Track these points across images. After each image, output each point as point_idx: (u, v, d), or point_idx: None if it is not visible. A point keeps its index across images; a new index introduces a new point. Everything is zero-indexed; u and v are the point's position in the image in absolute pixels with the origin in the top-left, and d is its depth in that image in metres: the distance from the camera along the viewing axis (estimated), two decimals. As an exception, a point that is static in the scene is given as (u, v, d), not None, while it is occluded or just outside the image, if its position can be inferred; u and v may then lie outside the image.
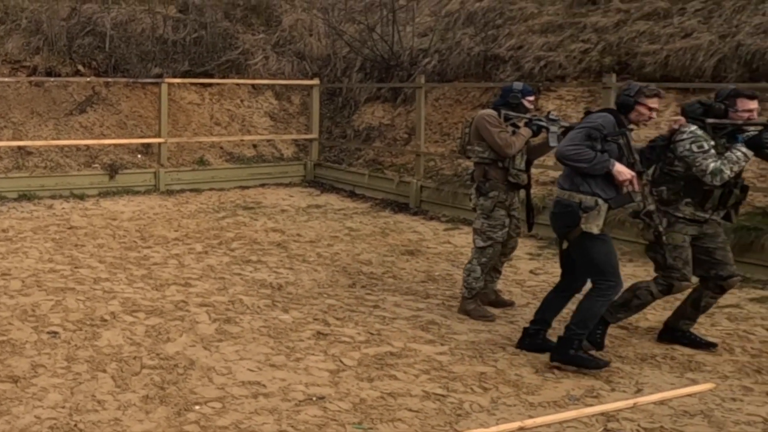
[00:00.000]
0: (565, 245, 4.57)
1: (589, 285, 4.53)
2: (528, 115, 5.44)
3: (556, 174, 6.89)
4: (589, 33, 8.97)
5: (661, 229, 4.64)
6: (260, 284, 6.02)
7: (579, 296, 4.60)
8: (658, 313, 5.39)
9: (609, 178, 4.36)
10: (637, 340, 4.95)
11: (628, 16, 8.80)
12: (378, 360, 4.49)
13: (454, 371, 4.35)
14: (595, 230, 4.36)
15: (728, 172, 4.60)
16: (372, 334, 4.94)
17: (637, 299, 4.92)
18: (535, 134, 5.40)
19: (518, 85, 5.46)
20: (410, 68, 10.91)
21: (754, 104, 4.78)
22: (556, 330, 4.68)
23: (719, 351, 4.82)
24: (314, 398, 3.93)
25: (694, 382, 4.29)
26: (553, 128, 5.25)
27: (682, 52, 7.82)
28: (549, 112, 5.53)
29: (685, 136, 4.71)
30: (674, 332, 5.08)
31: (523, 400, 4.00)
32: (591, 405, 3.92)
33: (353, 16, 12.78)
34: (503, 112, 5.38)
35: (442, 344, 4.80)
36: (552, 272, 6.30)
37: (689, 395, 4.11)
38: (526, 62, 9.25)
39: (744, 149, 4.59)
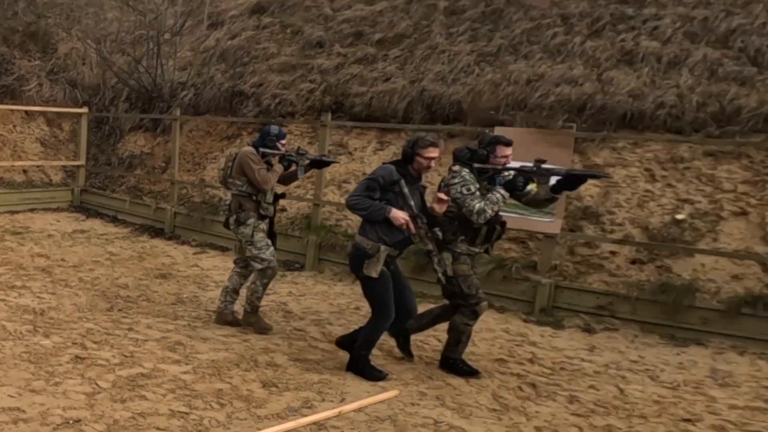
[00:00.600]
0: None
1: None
2: (281, 152, 5.83)
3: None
4: (315, 74, 10.08)
5: (441, 268, 4.92)
6: (23, 310, 6.02)
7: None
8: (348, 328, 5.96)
9: (391, 223, 4.72)
10: (342, 353, 5.24)
11: (346, 59, 9.99)
12: (130, 381, 4.60)
13: (196, 389, 4.54)
14: (374, 275, 4.79)
15: (490, 211, 4.92)
16: (126, 356, 5.06)
17: (463, 334, 5.19)
18: (286, 168, 5.83)
19: (275, 129, 5.88)
20: (170, 100, 11.60)
21: (509, 150, 5.14)
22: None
23: (401, 360, 5.35)
24: (71, 421, 3.98)
25: (384, 389, 4.69)
26: (302, 162, 5.80)
27: (383, 94, 9.08)
28: (298, 147, 6.06)
29: (457, 179, 5.02)
30: (447, 360, 5.33)
31: (253, 413, 4.23)
32: (306, 415, 4.22)
33: (123, 48, 13.20)
34: (261, 150, 5.78)
35: (186, 363, 4.99)
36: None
37: (381, 402, 4.50)
38: (264, 99, 10.25)
39: (502, 191, 4.94)
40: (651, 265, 6.58)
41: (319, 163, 6.07)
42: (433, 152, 4.72)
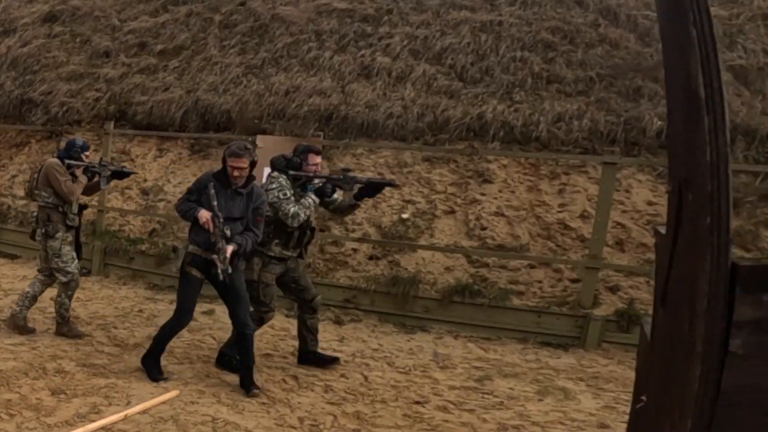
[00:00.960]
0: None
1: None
2: (85, 163, 5.85)
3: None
4: (101, 83, 10.46)
5: (222, 265, 4.79)
6: None
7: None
8: (144, 330, 6.15)
9: (199, 224, 4.87)
10: (128, 355, 5.40)
11: (130, 69, 10.44)
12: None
13: (-15, 402, 4.48)
14: (174, 270, 5.12)
15: (303, 215, 5.13)
16: None
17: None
18: (90, 179, 5.88)
19: (80, 141, 5.95)
20: (-38, 109, 11.59)
21: (319, 158, 5.43)
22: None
23: (181, 360, 5.43)
24: None
25: (167, 390, 4.75)
26: (104, 173, 5.90)
27: (162, 103, 9.65)
28: (101, 159, 6.24)
29: (274, 185, 5.23)
30: (308, 355, 5.61)
31: (43, 422, 4.17)
32: (93, 420, 4.18)
33: None
34: (66, 161, 5.77)
35: (-23, 376, 4.91)
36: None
37: (163, 402, 4.53)
38: (53, 107, 10.52)
39: (313, 196, 5.20)
40: (384, 261, 7.39)
41: (120, 174, 6.17)
42: (234, 161, 4.83)
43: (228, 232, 4.86)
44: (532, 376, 5.49)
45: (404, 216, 7.56)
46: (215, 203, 4.80)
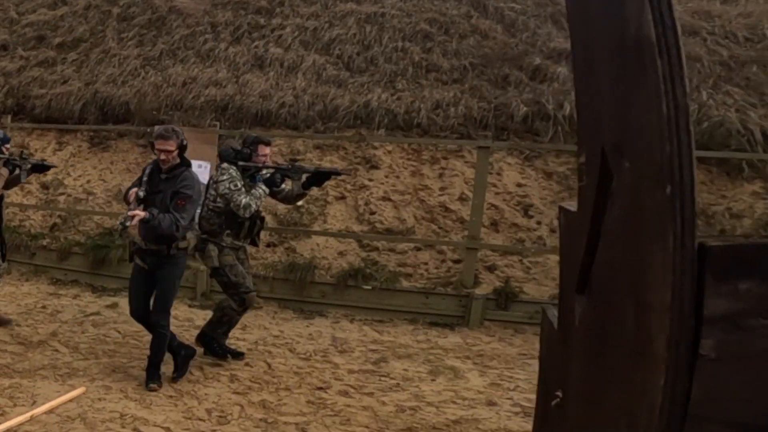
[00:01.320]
0: None
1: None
2: (5, 156, 5.73)
3: None
4: (-1, 76, 10.41)
5: (121, 221, 4.73)
6: None
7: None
8: (48, 327, 6.04)
9: None
10: (32, 354, 5.29)
11: (28, 62, 10.40)
12: None
13: None
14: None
15: (254, 205, 5.16)
16: None
17: (226, 316, 5.33)
18: (11, 173, 5.74)
19: (0, 133, 5.85)
20: None
21: (268, 149, 5.43)
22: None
23: (87, 355, 5.35)
24: None
25: (73, 387, 4.65)
26: (25, 166, 5.77)
27: (61, 96, 9.68)
28: (21, 152, 6.12)
29: (225, 176, 5.20)
30: (212, 340, 5.45)
31: None
32: None
33: None
34: None
35: None
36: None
37: (70, 401, 4.43)
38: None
39: (264, 187, 5.23)
40: (281, 247, 7.60)
41: (41, 168, 6.10)
42: (161, 144, 4.68)
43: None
44: (424, 357, 5.67)
45: (299, 203, 7.84)
46: (145, 179, 4.73)
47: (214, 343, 5.36)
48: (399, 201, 7.41)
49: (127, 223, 4.56)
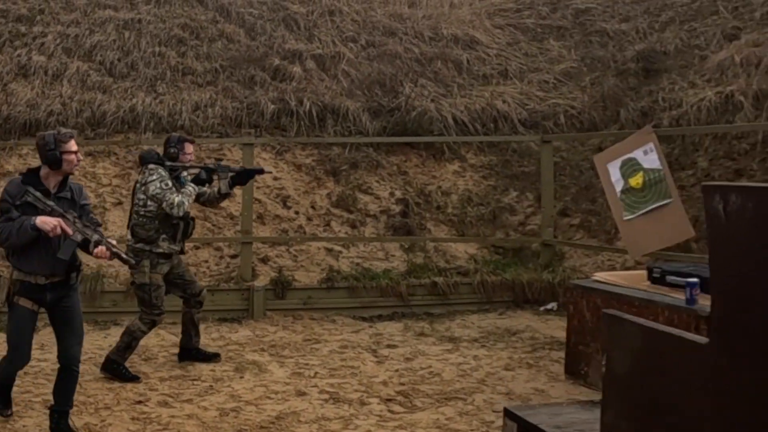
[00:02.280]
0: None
1: None
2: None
3: None
4: None
5: (125, 256, 4.27)
6: None
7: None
8: None
9: (28, 246, 3.82)
10: None
11: None
12: None
13: None
14: None
15: (187, 203, 5.02)
16: None
17: (135, 340, 5.15)
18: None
19: None
20: None
21: (192, 148, 5.36)
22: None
23: None
24: None
25: None
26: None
27: None
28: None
29: (154, 176, 5.02)
30: (190, 351, 5.47)
31: None
32: None
33: None
34: None
35: None
36: None
37: None
38: None
39: (193, 185, 5.14)
40: None
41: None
42: (72, 146, 3.92)
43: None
44: (225, 354, 5.67)
45: None
46: (51, 203, 3.85)
47: (122, 367, 5.14)
48: (172, 201, 8.01)
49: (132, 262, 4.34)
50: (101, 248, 3.95)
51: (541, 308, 7.19)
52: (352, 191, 8.09)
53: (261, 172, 5.99)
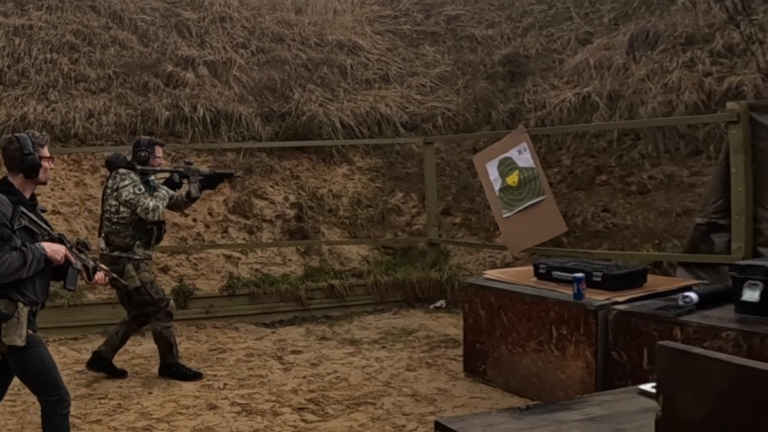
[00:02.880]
0: None
1: None
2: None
3: None
4: None
5: (123, 282, 4.23)
6: None
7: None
8: None
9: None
10: None
11: None
12: None
13: None
14: (20, 342, 3.30)
15: (162, 207, 4.88)
16: None
17: (171, 337, 5.13)
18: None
19: None
20: None
21: (161, 151, 5.17)
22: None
23: None
24: None
25: None
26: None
27: None
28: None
29: (127, 181, 4.83)
30: (103, 362, 5.16)
31: None
32: None
33: None
34: None
35: None
36: None
37: None
38: None
39: (166, 189, 4.99)
40: None
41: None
42: (46, 151, 3.50)
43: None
44: (131, 369, 5.45)
45: None
46: (45, 226, 3.47)
47: (176, 367, 5.17)
48: (68, 213, 7.68)
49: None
50: (100, 274, 3.69)
51: (431, 306, 7.43)
52: (248, 197, 8.21)
53: (231, 176, 5.90)
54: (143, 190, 4.90)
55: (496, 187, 6.42)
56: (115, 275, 3.92)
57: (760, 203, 5.22)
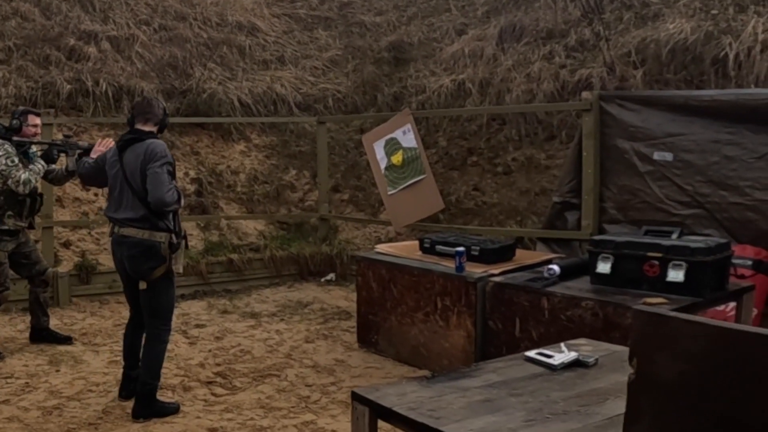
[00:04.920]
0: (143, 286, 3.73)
1: None
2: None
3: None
4: None
5: None
6: None
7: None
8: None
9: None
10: None
11: None
12: None
13: None
14: (181, 270, 3.83)
15: (34, 181, 4.56)
16: None
17: (46, 305, 5.01)
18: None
19: None
20: None
21: (39, 120, 4.79)
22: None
23: None
24: None
25: None
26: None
27: None
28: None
29: (0, 152, 4.50)
30: (41, 332, 5.08)
31: None
32: None
33: None
34: None
35: None
36: None
37: None
38: None
39: (42, 162, 4.63)
40: None
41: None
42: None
43: None
44: (36, 348, 5.08)
45: None
46: None
47: (47, 332, 5.11)
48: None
49: None
50: None
51: (322, 279, 7.35)
52: None
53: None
54: (16, 161, 4.55)
55: (383, 165, 6.39)
56: None
57: (605, 184, 5.53)
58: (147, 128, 3.76)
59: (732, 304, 4.14)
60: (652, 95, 5.57)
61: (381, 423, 2.05)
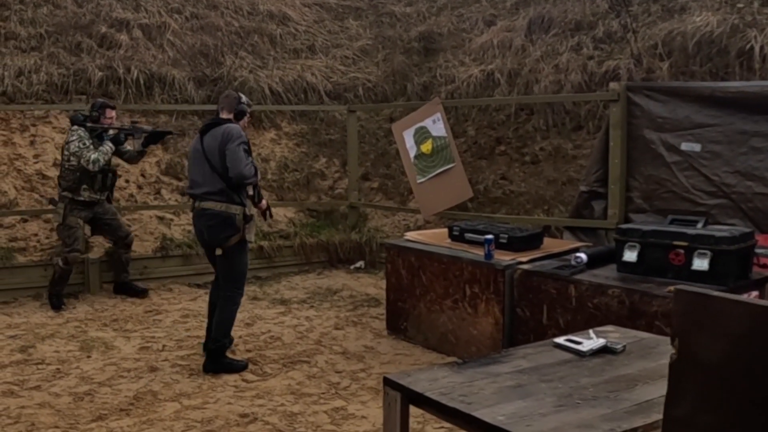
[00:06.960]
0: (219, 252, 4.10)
1: None
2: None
3: None
4: None
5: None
6: None
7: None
8: None
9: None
10: None
11: None
12: None
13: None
14: (253, 239, 4.24)
15: (102, 160, 5.40)
16: None
17: (56, 273, 5.63)
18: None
19: None
20: None
21: (113, 113, 5.70)
22: None
23: None
24: None
25: None
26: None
27: None
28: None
29: (74, 137, 5.44)
30: (123, 285, 5.94)
31: None
32: None
33: None
34: None
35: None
36: None
37: None
38: None
39: (110, 144, 5.51)
40: None
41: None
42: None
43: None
44: (67, 333, 5.00)
45: None
46: None
47: (54, 297, 5.60)
48: (-5, 172, 6.84)
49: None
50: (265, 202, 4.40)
51: (351, 267, 7.16)
52: (180, 159, 7.55)
53: (170, 133, 6.27)
54: (87, 144, 5.36)
55: (412, 154, 6.29)
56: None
57: (631, 174, 5.43)
58: (225, 116, 4.16)
59: (755, 293, 4.06)
60: (679, 86, 5.40)
61: (412, 409, 2.02)
